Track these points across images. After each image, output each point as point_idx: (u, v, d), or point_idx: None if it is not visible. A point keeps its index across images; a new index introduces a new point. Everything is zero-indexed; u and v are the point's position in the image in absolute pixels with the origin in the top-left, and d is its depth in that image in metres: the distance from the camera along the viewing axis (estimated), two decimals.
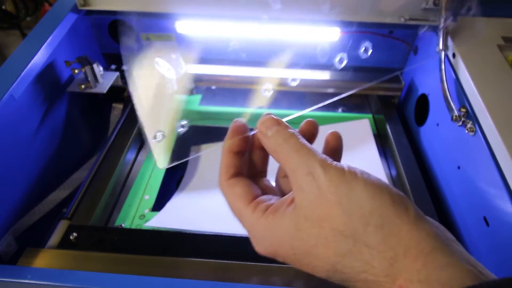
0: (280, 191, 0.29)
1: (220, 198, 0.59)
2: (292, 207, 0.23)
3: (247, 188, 0.26)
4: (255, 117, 0.30)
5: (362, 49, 0.33)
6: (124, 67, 0.67)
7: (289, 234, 0.23)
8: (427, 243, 0.20)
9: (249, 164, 0.29)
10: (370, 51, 0.32)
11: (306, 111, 0.33)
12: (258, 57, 0.61)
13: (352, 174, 0.22)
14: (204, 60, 0.68)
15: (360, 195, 0.21)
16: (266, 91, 0.31)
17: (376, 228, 0.20)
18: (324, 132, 0.71)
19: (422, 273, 0.19)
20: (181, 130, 0.31)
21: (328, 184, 0.22)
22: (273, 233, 0.23)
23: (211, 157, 0.62)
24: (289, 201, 0.24)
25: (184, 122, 0.30)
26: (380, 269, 0.20)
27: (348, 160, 0.64)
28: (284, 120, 0.29)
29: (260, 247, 0.25)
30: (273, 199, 0.25)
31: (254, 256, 0.42)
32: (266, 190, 0.28)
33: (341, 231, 0.21)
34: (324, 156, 0.23)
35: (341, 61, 0.28)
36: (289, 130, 0.25)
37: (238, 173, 0.27)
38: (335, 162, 0.23)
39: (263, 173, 0.30)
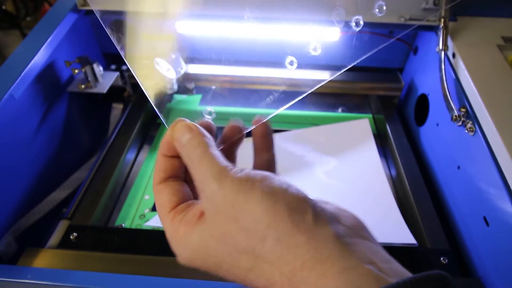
0: None
1: None
2: (200, 220, 0.22)
3: (171, 196, 0.24)
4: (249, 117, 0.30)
5: (377, 10, 0.32)
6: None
7: (199, 250, 0.22)
8: (324, 250, 0.19)
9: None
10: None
11: (282, 109, 0.32)
12: (258, 57, 0.61)
13: (249, 184, 0.21)
14: (204, 60, 0.68)
15: (256, 209, 0.20)
16: (291, 63, 0.30)
17: (273, 242, 0.20)
18: (324, 132, 0.71)
19: (318, 284, 0.19)
20: (208, 118, 0.29)
21: (222, 200, 0.21)
22: (186, 248, 0.23)
23: None
24: (199, 214, 0.23)
25: (210, 109, 0.29)
26: (281, 284, 0.20)
27: (348, 160, 0.64)
28: (267, 118, 0.28)
29: (179, 260, 0.24)
30: (196, 205, 0.24)
31: None
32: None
33: (241, 247, 0.21)
34: (224, 165, 0.22)
35: (291, 63, 0.27)
36: (201, 138, 0.24)
37: (170, 177, 0.25)
38: (233, 171, 0.22)
39: None
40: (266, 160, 0.29)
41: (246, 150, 0.32)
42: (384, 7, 0.31)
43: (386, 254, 0.21)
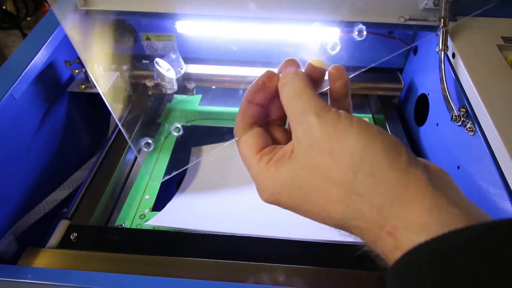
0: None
1: (220, 199, 0.59)
2: (291, 155, 0.24)
3: (257, 139, 0.26)
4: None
5: (356, 33, 0.33)
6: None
7: (287, 183, 0.23)
8: (415, 189, 0.20)
9: (267, 112, 0.29)
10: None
11: None
12: (258, 57, 0.61)
13: (346, 122, 0.22)
14: (204, 60, 0.68)
15: (352, 144, 0.21)
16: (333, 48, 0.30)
17: (366, 176, 0.21)
18: None
19: (407, 219, 0.19)
20: (177, 134, 0.30)
21: (320, 133, 0.22)
22: (274, 183, 0.24)
23: (212, 158, 0.62)
24: (290, 151, 0.24)
25: (179, 125, 0.30)
26: (369, 216, 0.21)
27: None
28: None
29: (263, 196, 0.25)
30: (284, 147, 0.26)
31: (254, 256, 0.42)
32: (281, 139, 0.28)
33: (332, 179, 0.22)
34: (322, 103, 0.23)
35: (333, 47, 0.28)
36: (303, 76, 0.25)
37: (253, 123, 0.27)
38: (333, 109, 0.23)
39: (282, 121, 0.30)
40: (343, 109, 0.29)
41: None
42: (365, 32, 0.31)
43: (474, 204, 0.21)
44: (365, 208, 0.21)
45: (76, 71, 0.58)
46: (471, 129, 0.45)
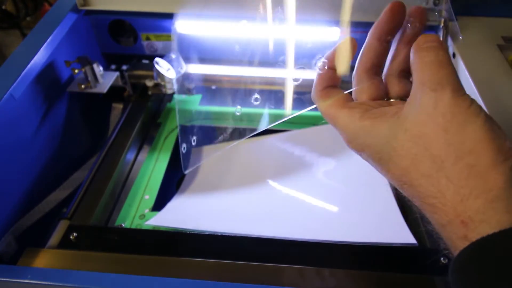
0: (383, 90, 0.29)
1: (220, 199, 0.59)
2: (397, 116, 0.24)
3: (337, 96, 0.28)
4: (254, 117, 0.30)
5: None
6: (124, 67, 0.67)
7: (383, 140, 0.24)
8: (505, 191, 0.20)
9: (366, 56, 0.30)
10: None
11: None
12: (258, 57, 0.61)
13: (475, 111, 0.22)
14: (204, 60, 0.68)
15: (470, 133, 0.21)
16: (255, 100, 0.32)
17: (466, 166, 0.21)
18: (323, 132, 0.71)
19: (486, 214, 0.20)
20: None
21: (446, 109, 0.22)
22: (367, 135, 0.25)
23: (212, 159, 0.62)
24: (392, 113, 0.25)
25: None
26: (450, 201, 0.21)
27: (348, 160, 0.64)
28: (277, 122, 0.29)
29: (351, 144, 0.27)
30: (365, 107, 0.27)
31: (254, 256, 0.42)
32: (374, 91, 0.29)
33: (432, 155, 0.22)
34: (460, 84, 0.23)
35: (256, 100, 0.30)
36: (447, 49, 0.25)
37: (328, 86, 0.29)
38: (467, 94, 0.23)
39: (379, 68, 0.30)
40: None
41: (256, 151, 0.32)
42: (326, 67, 0.31)
43: None
44: (449, 193, 0.21)
45: (76, 71, 0.58)
46: None
